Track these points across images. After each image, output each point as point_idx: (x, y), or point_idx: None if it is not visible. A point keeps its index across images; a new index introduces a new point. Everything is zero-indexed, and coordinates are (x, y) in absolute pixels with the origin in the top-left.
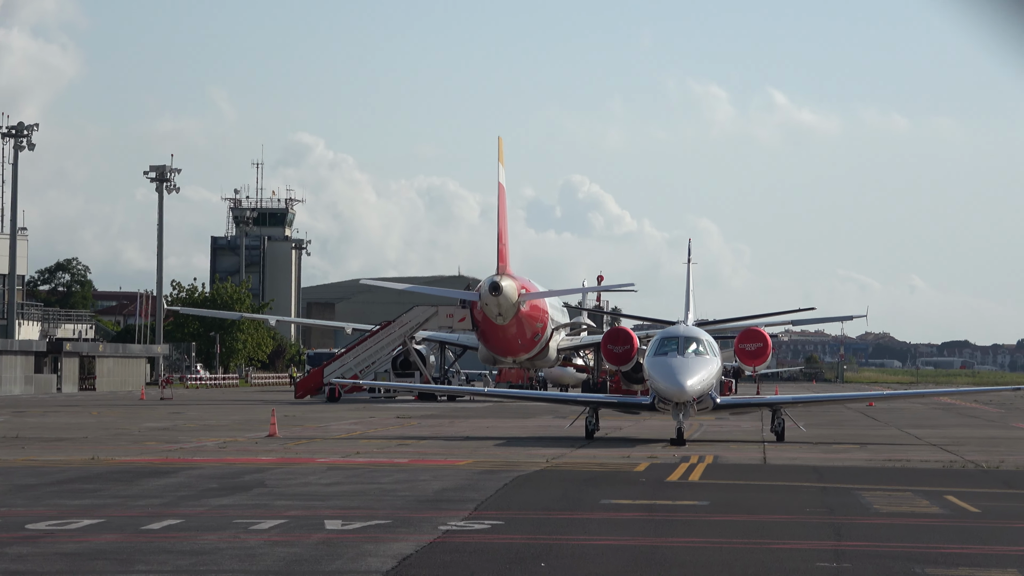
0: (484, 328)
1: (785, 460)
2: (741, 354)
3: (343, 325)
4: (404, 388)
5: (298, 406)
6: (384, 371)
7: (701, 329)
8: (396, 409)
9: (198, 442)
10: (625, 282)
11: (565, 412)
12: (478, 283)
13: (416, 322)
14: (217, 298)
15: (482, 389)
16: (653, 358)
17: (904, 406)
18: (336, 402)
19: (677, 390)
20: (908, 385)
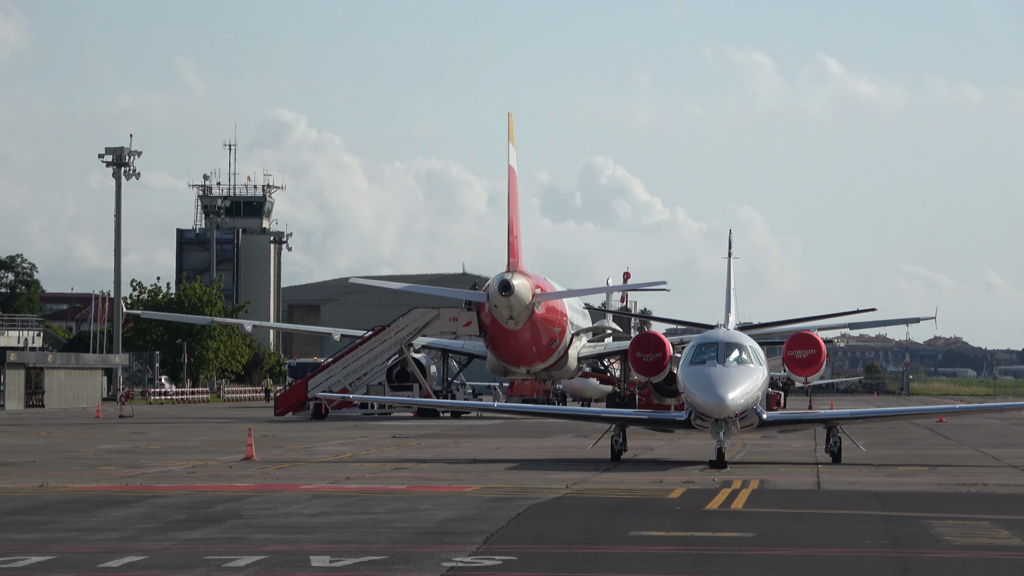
0: (493, 334)
1: (842, 485)
2: (790, 363)
3: (330, 331)
4: (401, 403)
5: (279, 424)
6: (378, 384)
7: (744, 334)
8: (392, 427)
9: (163, 466)
10: (656, 280)
11: (587, 430)
12: (486, 282)
13: (414, 327)
14: (184, 300)
15: (491, 404)
16: (689, 367)
17: (980, 421)
18: (322, 420)
19: (717, 404)
20: (984, 398)
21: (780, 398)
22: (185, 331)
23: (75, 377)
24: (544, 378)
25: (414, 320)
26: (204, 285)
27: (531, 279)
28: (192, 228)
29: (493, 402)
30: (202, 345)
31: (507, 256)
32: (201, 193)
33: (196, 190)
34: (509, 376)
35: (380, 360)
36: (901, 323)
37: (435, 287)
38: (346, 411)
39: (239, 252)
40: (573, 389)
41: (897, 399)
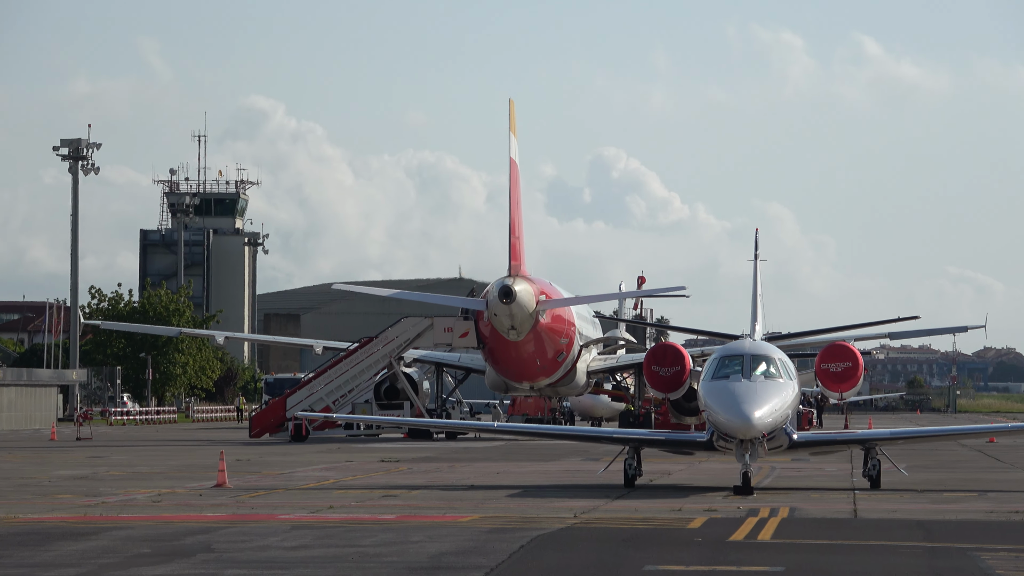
0: (493, 346)
1: (882, 513)
2: (824, 377)
3: (311, 343)
4: (390, 423)
5: (254, 447)
6: (365, 402)
7: (772, 345)
8: (380, 450)
9: (126, 494)
10: (674, 285)
11: (598, 452)
12: (485, 288)
13: (405, 338)
14: (149, 309)
15: (491, 424)
16: (711, 383)
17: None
18: (303, 442)
19: (742, 423)
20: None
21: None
22: (150, 344)
23: (27, 395)
24: (550, 395)
25: (405, 331)
26: (171, 292)
27: (535, 284)
28: (157, 229)
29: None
30: (168, 359)
31: (508, 259)
32: (167, 190)
33: (162, 186)
34: (511, 393)
35: (367, 375)
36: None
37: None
38: (329, 432)
39: (210, 255)
40: (582, 407)
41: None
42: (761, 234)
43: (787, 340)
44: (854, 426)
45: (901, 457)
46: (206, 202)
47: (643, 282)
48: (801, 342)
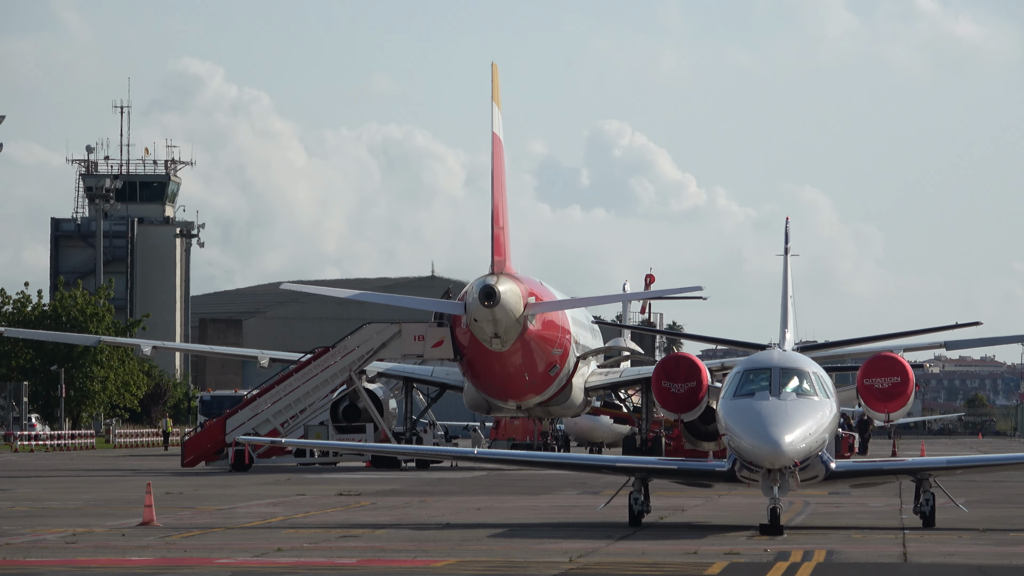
0: (473, 357)
1: (936, 556)
2: (868, 394)
3: (255, 353)
4: (350, 450)
5: (187, 478)
6: (320, 424)
7: (806, 357)
8: (338, 481)
9: (33, 534)
10: (689, 286)
11: (598, 484)
12: (463, 288)
13: (368, 349)
14: (61, 313)
15: (470, 451)
16: (733, 401)
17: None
18: (245, 471)
19: (770, 450)
20: None
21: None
22: (63, 355)
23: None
24: (540, 416)
25: (367, 339)
26: (88, 293)
27: (523, 284)
28: (72, 217)
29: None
30: (85, 373)
31: (491, 254)
32: (84, 171)
33: (77, 167)
34: (494, 413)
35: (322, 392)
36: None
37: (396, 295)
38: (277, 460)
39: (134, 249)
40: (579, 430)
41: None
42: (793, 224)
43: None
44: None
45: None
46: (130, 186)
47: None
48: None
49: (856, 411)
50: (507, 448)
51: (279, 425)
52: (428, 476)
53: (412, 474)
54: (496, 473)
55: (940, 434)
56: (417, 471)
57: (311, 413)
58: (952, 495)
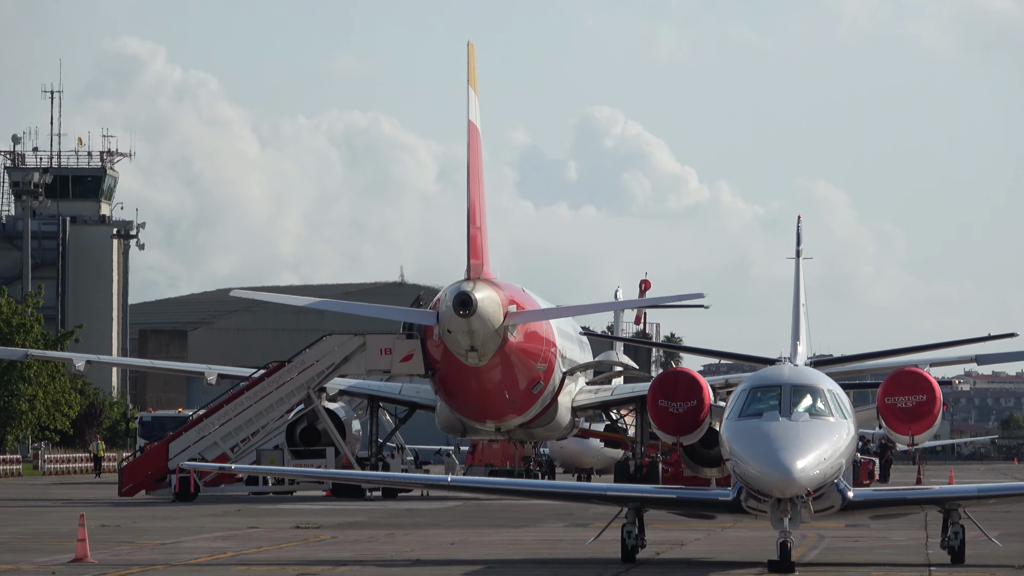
0: (446, 373)
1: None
2: (890, 414)
3: (202, 369)
4: (309, 477)
5: (126, 509)
6: (274, 448)
7: (821, 372)
8: (295, 513)
9: None
10: (689, 293)
11: (587, 516)
12: (435, 295)
13: (328, 363)
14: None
15: (444, 478)
16: (738, 422)
17: None
18: (191, 501)
19: (779, 476)
20: None
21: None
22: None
23: None
24: (522, 439)
25: (328, 353)
26: (14, 301)
27: (502, 291)
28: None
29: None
30: (11, 391)
31: (466, 257)
32: (9, 163)
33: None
34: (470, 436)
35: (277, 412)
36: None
37: (359, 303)
38: (226, 488)
39: (66, 251)
40: (565, 455)
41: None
42: (806, 223)
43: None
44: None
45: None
46: (61, 180)
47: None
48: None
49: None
50: (485, 475)
51: (228, 449)
52: (396, 507)
53: (378, 504)
54: (472, 503)
55: (971, 459)
56: (383, 501)
57: (264, 436)
58: (984, 528)
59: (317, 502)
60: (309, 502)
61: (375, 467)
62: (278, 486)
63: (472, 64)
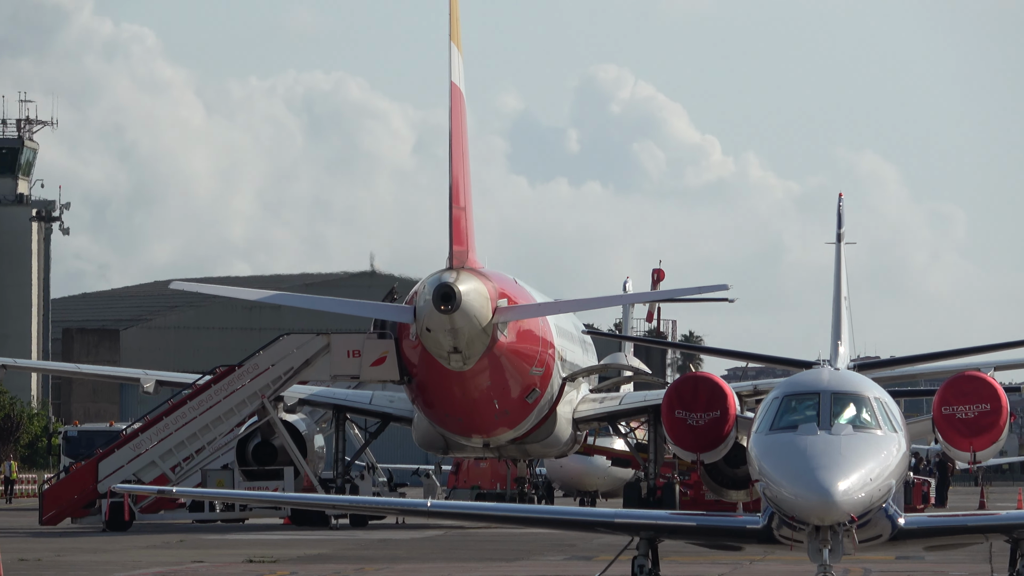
0: (425, 379)
1: None
2: (947, 426)
3: (137, 374)
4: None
5: (49, 539)
6: (223, 467)
7: (866, 377)
8: (248, 544)
9: None
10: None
11: (591, 547)
12: (412, 288)
13: (286, 368)
14: None
15: (422, 502)
16: (769, 436)
17: None
18: (125, 530)
19: (818, 500)
20: None
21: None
22: None
23: None
24: (515, 456)
25: (286, 355)
26: None
27: (491, 283)
28: None
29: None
30: None
31: (449, 243)
32: None
33: None
34: (453, 453)
35: (226, 426)
36: None
37: (323, 297)
38: (166, 515)
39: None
40: (566, 475)
41: None
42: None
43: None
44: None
45: None
46: None
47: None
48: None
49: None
50: (471, 499)
51: (169, 469)
52: (366, 536)
53: (345, 534)
54: (456, 532)
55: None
56: (351, 530)
57: (211, 454)
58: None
59: (273, 531)
60: (264, 531)
61: (341, 490)
62: (227, 512)
63: (455, 16)
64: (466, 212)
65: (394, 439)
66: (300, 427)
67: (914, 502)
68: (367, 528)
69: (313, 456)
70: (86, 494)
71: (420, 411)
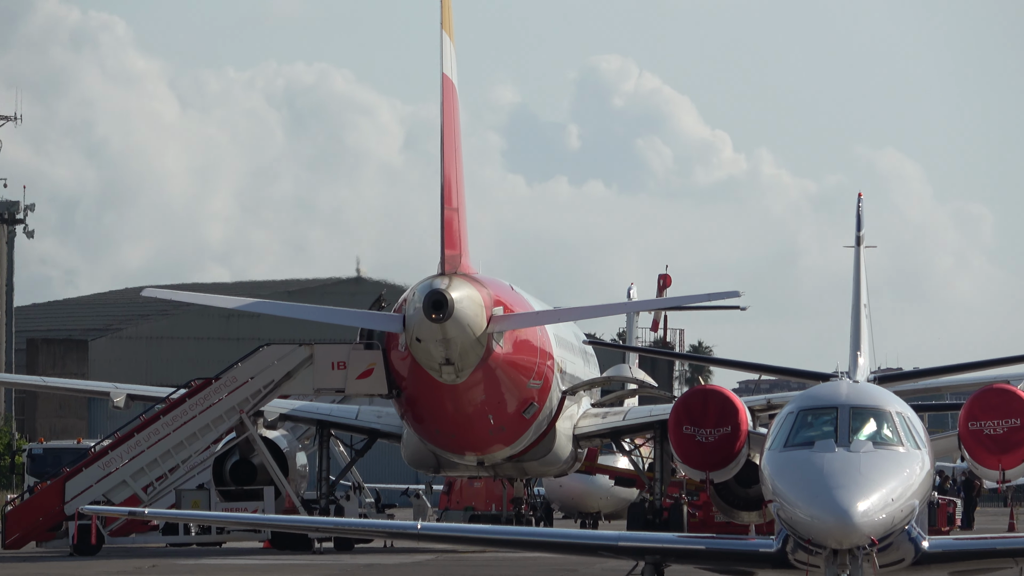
0: (415, 393)
1: None
2: (975, 443)
3: (107, 388)
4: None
5: (12, 564)
6: (199, 487)
7: (887, 391)
8: (225, 569)
9: None
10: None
11: (593, 572)
12: (401, 295)
13: (266, 381)
14: None
15: (413, 524)
16: (784, 453)
17: None
18: (94, 554)
19: (836, 522)
20: None
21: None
22: None
23: None
24: (511, 475)
25: (266, 367)
26: None
27: (486, 290)
28: None
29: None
30: None
31: (440, 247)
32: None
33: None
34: (445, 471)
35: (202, 443)
36: None
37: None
38: (138, 539)
39: None
40: (566, 495)
41: None
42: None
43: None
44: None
45: None
46: None
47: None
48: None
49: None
50: (464, 521)
51: (140, 490)
52: (352, 561)
53: (329, 558)
54: (448, 557)
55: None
56: (336, 554)
57: (186, 472)
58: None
59: (253, 556)
60: (243, 556)
61: (325, 511)
62: (203, 536)
63: (446, 3)
64: (459, 213)
65: (382, 457)
66: (281, 444)
67: (939, 524)
68: (353, 552)
69: (295, 475)
70: (52, 516)
71: (410, 427)
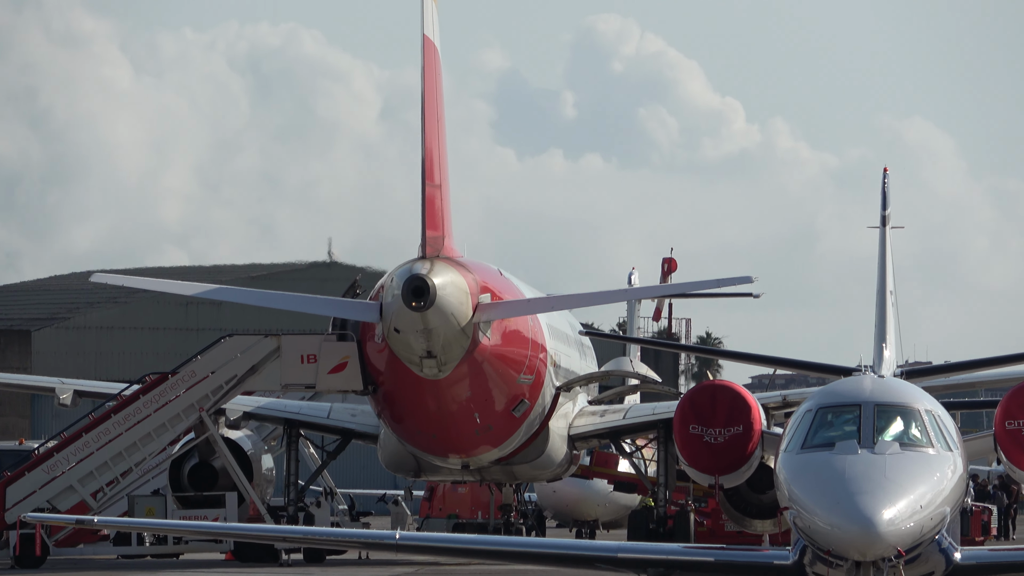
0: (394, 389)
1: None
2: (1012, 444)
3: (51, 383)
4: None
5: None
6: (153, 493)
7: (915, 386)
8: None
9: None
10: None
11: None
12: (378, 281)
13: (228, 376)
14: None
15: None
16: (801, 455)
17: None
18: (37, 567)
19: (859, 531)
20: None
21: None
22: None
23: None
24: (499, 479)
25: (228, 361)
26: None
27: (471, 275)
28: None
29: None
30: None
31: (421, 227)
32: None
33: None
34: (427, 476)
35: (157, 444)
36: None
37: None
38: (86, 549)
39: None
40: (560, 502)
41: None
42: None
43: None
44: None
45: None
46: None
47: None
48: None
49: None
50: (447, 530)
51: (89, 496)
52: (323, 574)
53: (298, 571)
54: (430, 569)
55: None
56: (306, 566)
57: (139, 477)
58: None
59: (214, 568)
60: (202, 568)
61: (294, 519)
62: (159, 546)
63: None
64: (442, 191)
65: (356, 460)
66: (245, 445)
67: (972, 533)
68: (324, 564)
69: (260, 480)
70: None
71: (387, 426)
